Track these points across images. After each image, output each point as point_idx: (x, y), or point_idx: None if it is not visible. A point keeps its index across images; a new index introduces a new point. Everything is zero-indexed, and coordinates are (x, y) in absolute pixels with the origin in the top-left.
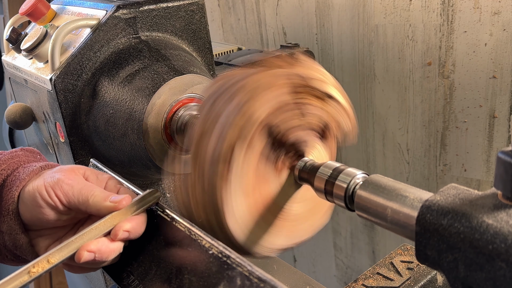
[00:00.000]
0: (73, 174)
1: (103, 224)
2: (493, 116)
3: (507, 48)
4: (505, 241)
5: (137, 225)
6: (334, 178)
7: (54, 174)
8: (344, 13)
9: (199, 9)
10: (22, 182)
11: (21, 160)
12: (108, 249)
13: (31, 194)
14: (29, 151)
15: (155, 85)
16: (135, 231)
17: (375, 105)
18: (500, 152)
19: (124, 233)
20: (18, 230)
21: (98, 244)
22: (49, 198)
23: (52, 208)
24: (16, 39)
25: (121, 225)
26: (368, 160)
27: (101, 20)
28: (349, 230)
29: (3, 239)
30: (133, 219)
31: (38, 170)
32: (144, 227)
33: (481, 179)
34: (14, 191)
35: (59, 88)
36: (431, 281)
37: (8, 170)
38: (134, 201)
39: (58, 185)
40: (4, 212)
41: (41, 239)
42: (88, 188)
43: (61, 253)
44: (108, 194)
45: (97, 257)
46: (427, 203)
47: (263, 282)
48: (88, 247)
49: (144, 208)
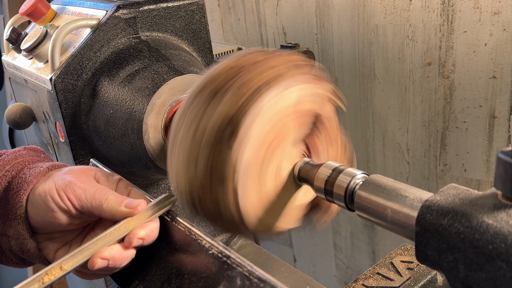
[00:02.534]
0: (84, 176)
1: (118, 230)
2: (493, 116)
3: (507, 48)
4: (505, 241)
5: (151, 232)
6: (334, 178)
7: (65, 176)
8: (344, 13)
9: (199, 9)
10: (30, 185)
11: (26, 160)
12: (122, 256)
13: (42, 197)
14: (32, 149)
15: (155, 85)
16: (149, 238)
17: (375, 105)
18: (500, 152)
19: (139, 240)
20: (26, 235)
21: (112, 252)
22: (61, 202)
23: (64, 212)
24: (16, 39)
25: (136, 233)
26: (368, 160)
27: (101, 20)
28: (349, 230)
29: (9, 243)
30: (147, 226)
31: (46, 171)
32: (157, 233)
33: (481, 179)
34: (22, 194)
35: (59, 88)
36: (431, 281)
37: (13, 171)
38: (149, 206)
39: (70, 188)
40: (11, 216)
41: (50, 242)
42: (101, 192)
43: (75, 259)
44: (122, 199)
45: (110, 264)
46: (427, 203)
47: (263, 282)
48: (102, 254)
49: (159, 213)
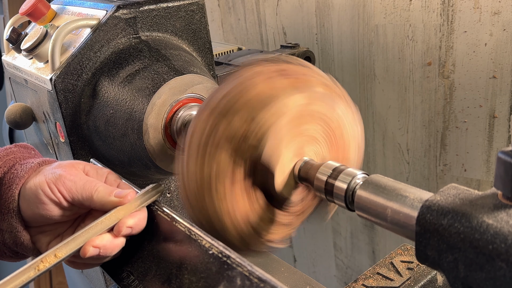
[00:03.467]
0: (74, 170)
1: (108, 219)
2: (493, 116)
3: (507, 48)
4: (505, 241)
5: (139, 220)
6: (334, 178)
7: (55, 170)
8: (344, 13)
9: (199, 9)
10: (22, 180)
11: (17, 157)
12: (112, 245)
13: (33, 191)
14: (23, 147)
15: (155, 85)
16: (137, 226)
17: (375, 105)
18: (500, 152)
19: (127, 229)
20: (20, 228)
21: (103, 240)
22: (52, 194)
23: (55, 204)
24: (16, 39)
25: (124, 221)
26: (368, 160)
27: (101, 20)
28: (349, 230)
29: (3, 237)
30: (136, 215)
31: (37, 167)
32: (145, 222)
33: (481, 179)
34: (14, 189)
35: (59, 88)
36: (431, 281)
37: (5, 167)
38: (138, 196)
39: (60, 181)
40: (4, 210)
41: (42, 235)
42: (91, 183)
43: (68, 247)
44: (112, 189)
45: (101, 252)
46: (427, 203)
47: (263, 282)
48: (94, 243)
49: (147, 202)
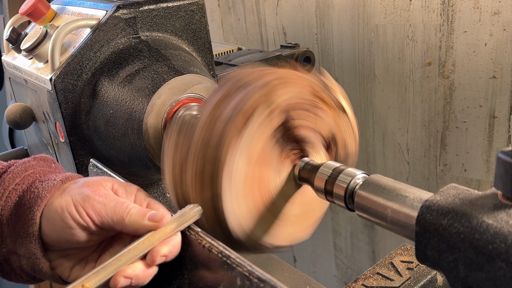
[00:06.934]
0: (102, 189)
1: (141, 245)
2: (493, 116)
3: (507, 48)
4: (505, 241)
5: (173, 247)
6: (334, 178)
7: (82, 190)
8: (344, 13)
9: (199, 9)
10: (44, 200)
11: (37, 172)
12: (145, 275)
13: (58, 214)
14: (42, 159)
15: (155, 85)
16: (171, 254)
17: (375, 105)
18: (500, 152)
19: (162, 258)
20: (39, 255)
21: (135, 270)
22: (80, 218)
23: (83, 229)
24: (16, 39)
25: (159, 250)
26: (368, 160)
27: (101, 20)
28: (349, 230)
29: (20, 262)
30: (170, 240)
31: (60, 184)
32: (179, 248)
33: (481, 179)
34: (35, 211)
35: (59, 88)
36: (431, 281)
37: (24, 184)
38: (174, 218)
39: (88, 203)
40: (22, 234)
41: (65, 260)
42: (122, 205)
43: (97, 277)
44: (145, 211)
45: (133, 283)
46: (427, 203)
47: (263, 282)
48: (125, 273)
49: (184, 226)
